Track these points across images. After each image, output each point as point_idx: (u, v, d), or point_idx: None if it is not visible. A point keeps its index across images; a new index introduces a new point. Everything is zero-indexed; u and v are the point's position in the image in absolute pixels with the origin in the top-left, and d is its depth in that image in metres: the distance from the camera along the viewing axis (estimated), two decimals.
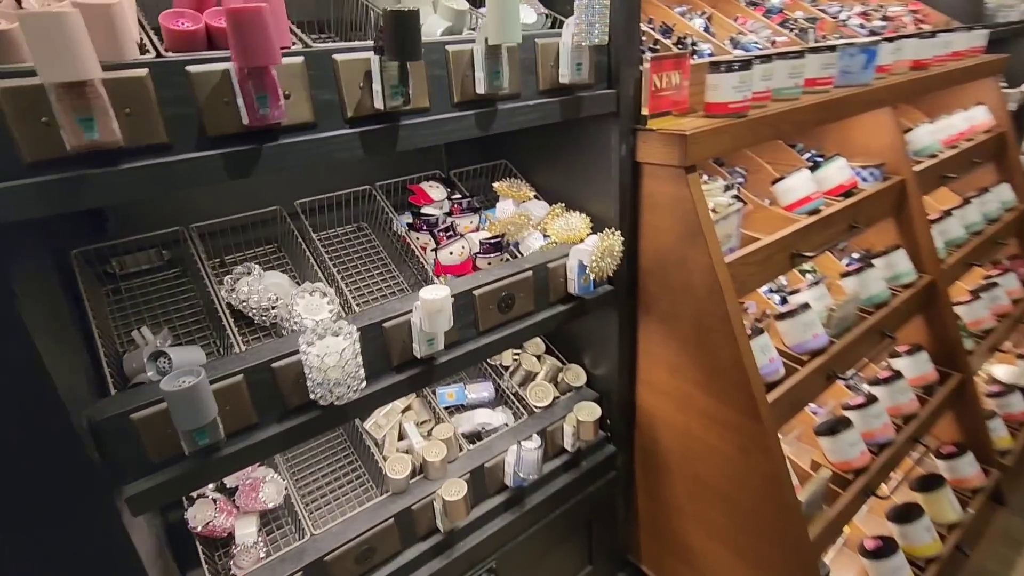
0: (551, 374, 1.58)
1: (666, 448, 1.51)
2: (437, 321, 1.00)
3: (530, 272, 1.20)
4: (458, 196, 1.38)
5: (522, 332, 1.23)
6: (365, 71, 0.86)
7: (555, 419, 1.47)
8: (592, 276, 1.21)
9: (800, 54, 1.40)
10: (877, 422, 1.56)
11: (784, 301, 1.66)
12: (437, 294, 0.98)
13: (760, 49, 1.66)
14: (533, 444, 1.29)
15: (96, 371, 0.93)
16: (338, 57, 0.84)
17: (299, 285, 1.16)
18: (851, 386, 1.77)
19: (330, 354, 0.86)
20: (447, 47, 0.95)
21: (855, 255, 1.83)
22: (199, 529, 1.09)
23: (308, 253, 1.19)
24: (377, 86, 0.86)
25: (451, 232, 1.22)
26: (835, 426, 1.49)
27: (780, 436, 1.35)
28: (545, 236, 1.37)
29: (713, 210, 1.51)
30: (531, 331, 1.24)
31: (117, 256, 1.11)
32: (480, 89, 0.98)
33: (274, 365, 0.90)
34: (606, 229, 1.24)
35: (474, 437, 1.47)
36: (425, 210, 1.32)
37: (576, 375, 1.58)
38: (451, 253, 1.22)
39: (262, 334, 1.13)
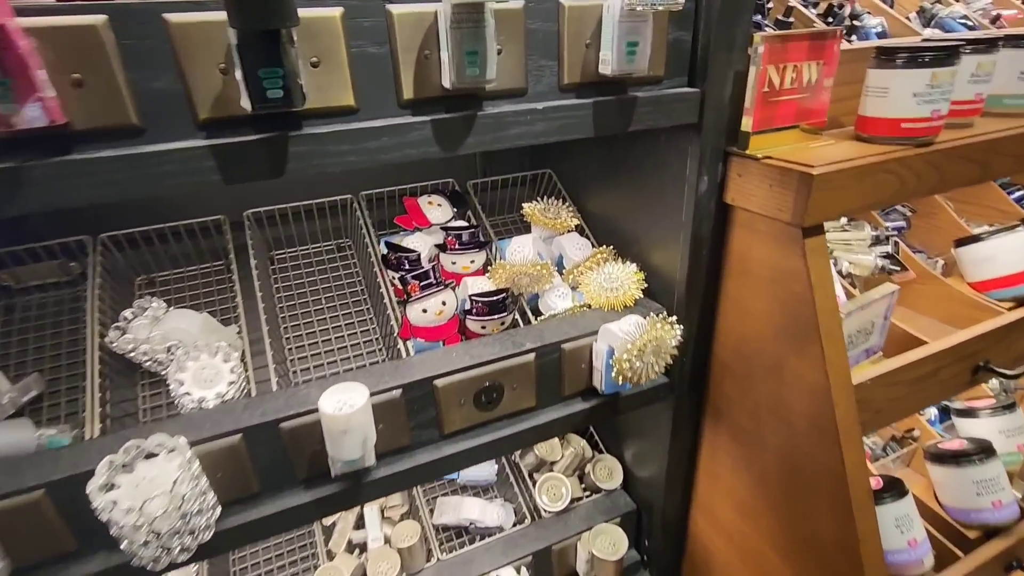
0: (575, 463, 1.18)
1: None
2: (343, 445, 0.64)
3: (531, 355, 0.81)
4: (462, 225, 1.00)
5: (515, 438, 0.84)
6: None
7: (568, 534, 1.08)
8: (619, 378, 0.79)
9: None
10: None
11: (946, 418, 1.10)
12: (343, 406, 0.62)
13: (970, 29, 1.06)
14: None
15: None
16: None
17: (218, 325, 0.87)
18: None
19: (152, 498, 0.54)
20: (388, 6, 0.57)
21: None
22: None
23: (236, 282, 0.88)
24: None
25: (430, 279, 0.86)
26: None
27: None
28: (575, 289, 0.95)
29: (846, 274, 0.99)
30: (529, 436, 0.85)
31: (6, 267, 0.88)
32: (447, 81, 0.58)
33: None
34: (653, 315, 0.80)
35: (460, 531, 1.13)
36: (408, 240, 0.96)
37: (609, 471, 1.17)
38: (424, 311, 0.85)
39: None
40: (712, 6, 0.69)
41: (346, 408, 0.62)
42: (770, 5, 0.88)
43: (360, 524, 1.07)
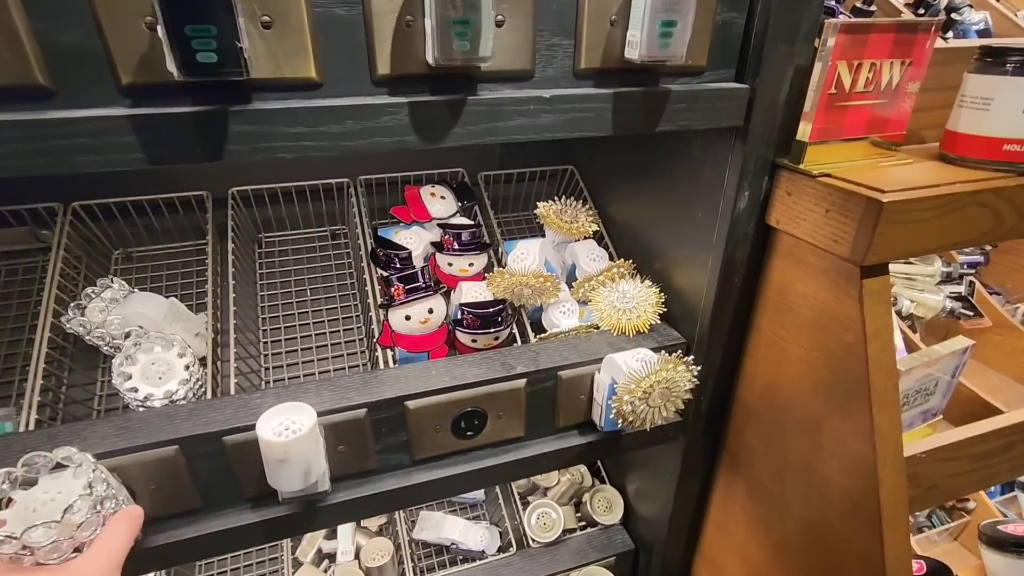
0: (571, 491, 1.07)
1: None
2: (280, 474, 0.55)
3: (522, 381, 0.70)
4: (464, 223, 0.89)
5: (497, 470, 0.74)
6: None
7: (555, 570, 0.98)
8: (619, 420, 0.67)
9: None
10: None
11: (1008, 490, 0.94)
12: (284, 431, 0.53)
13: None
14: None
15: None
16: None
17: (186, 312, 0.79)
18: None
19: (35, 527, 0.46)
20: None
21: None
22: None
23: (209, 265, 0.80)
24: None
25: (417, 283, 0.76)
26: None
27: None
28: (584, 305, 0.84)
29: (906, 315, 0.84)
30: (514, 470, 0.75)
31: None
32: (430, 56, 0.47)
33: None
34: (666, 352, 0.68)
35: (440, 549, 1.05)
36: (402, 235, 0.86)
37: (609, 504, 1.06)
38: (408, 317, 0.75)
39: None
40: None
41: (286, 434, 0.53)
42: None
43: (333, 533, 1.00)
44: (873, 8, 0.73)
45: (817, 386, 0.66)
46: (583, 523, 1.06)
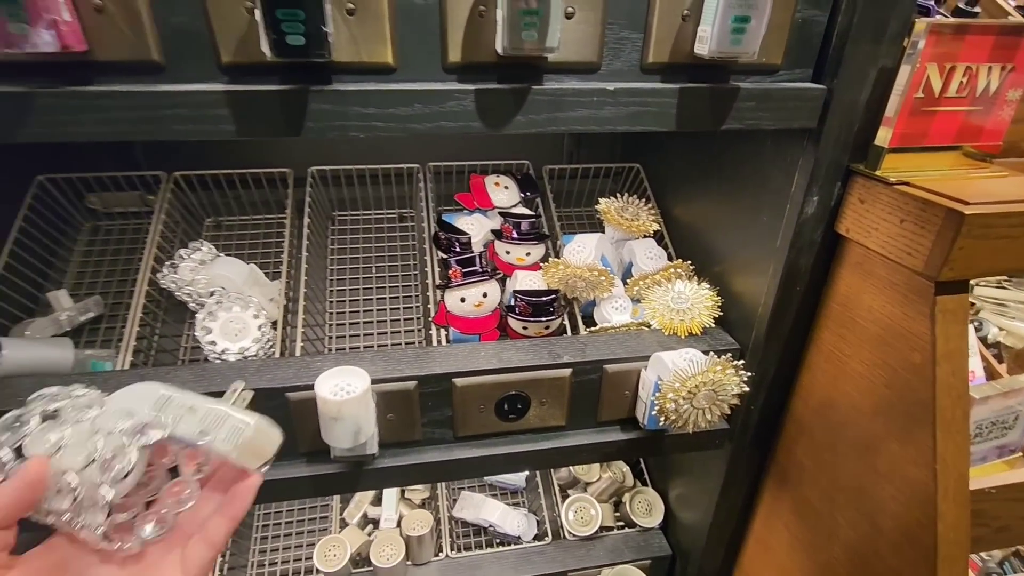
0: (611, 490, 1.07)
1: None
2: (332, 431, 0.60)
3: (567, 371, 0.71)
4: (524, 213, 0.91)
5: (536, 456, 0.75)
6: None
7: (588, 564, 0.99)
8: (661, 418, 0.67)
9: None
10: None
11: None
12: (339, 392, 0.57)
13: None
14: None
15: None
16: None
17: (264, 278, 0.86)
18: None
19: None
20: None
21: None
22: None
23: (286, 238, 0.87)
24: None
25: (474, 267, 0.78)
26: None
27: None
28: (637, 303, 0.84)
29: (992, 343, 0.78)
30: (553, 457, 0.77)
31: (96, 192, 0.93)
32: (499, 45, 0.49)
33: None
34: (715, 354, 0.67)
35: (479, 530, 1.08)
36: (464, 221, 0.89)
37: (649, 507, 1.05)
38: (463, 300, 0.78)
39: None
40: None
41: (341, 394, 0.57)
42: None
43: (379, 500, 1.05)
44: (977, 9, 0.68)
45: (877, 406, 0.63)
46: (621, 523, 1.06)
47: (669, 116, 0.56)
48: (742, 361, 0.69)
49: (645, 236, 0.90)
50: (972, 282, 0.93)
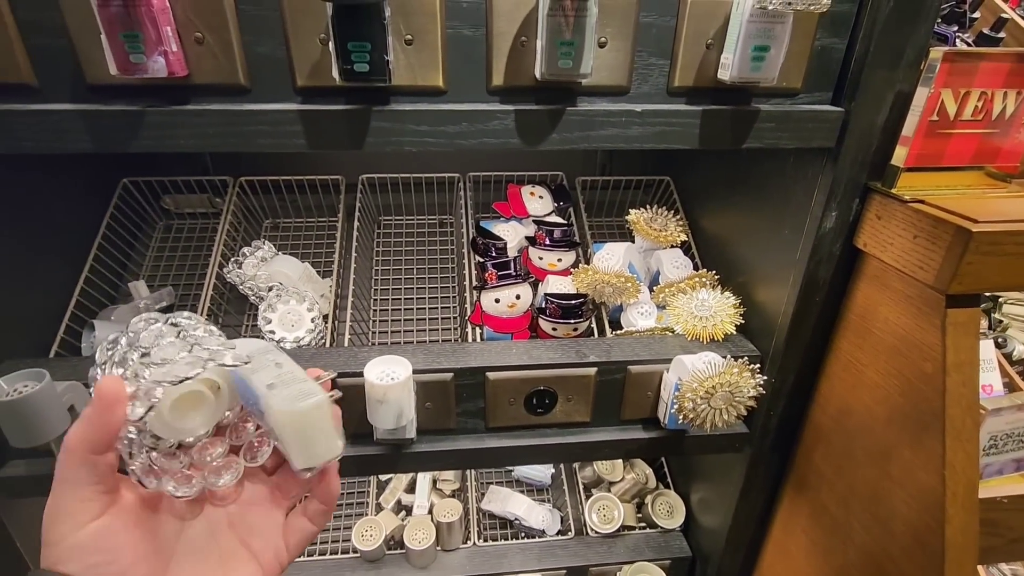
0: (634, 490, 1.11)
1: None
2: (377, 412, 0.66)
3: (592, 370, 0.76)
4: (557, 221, 0.97)
5: (562, 449, 0.80)
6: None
7: (609, 560, 1.02)
8: (680, 416, 0.71)
9: None
10: None
11: None
12: (384, 377, 0.64)
13: None
14: None
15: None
16: None
17: (316, 276, 0.94)
18: None
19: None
20: None
21: None
22: None
23: (338, 240, 0.94)
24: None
25: (508, 270, 0.84)
26: None
27: None
28: (662, 309, 0.88)
29: (1016, 359, 0.80)
30: (577, 452, 0.81)
31: (171, 194, 1.03)
32: (538, 71, 0.55)
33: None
34: (731, 357, 0.71)
35: (505, 523, 1.13)
36: (500, 227, 0.95)
37: (670, 509, 1.08)
38: (497, 300, 0.84)
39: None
40: (880, 9, 0.57)
41: (386, 380, 0.64)
42: (976, 15, 0.70)
43: (413, 488, 1.11)
44: (1002, 35, 0.70)
45: (891, 414, 0.65)
46: (643, 524, 1.09)
47: (692, 135, 0.61)
48: (757, 366, 0.72)
49: (672, 246, 0.94)
50: (1001, 300, 0.94)
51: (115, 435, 0.36)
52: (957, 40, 0.69)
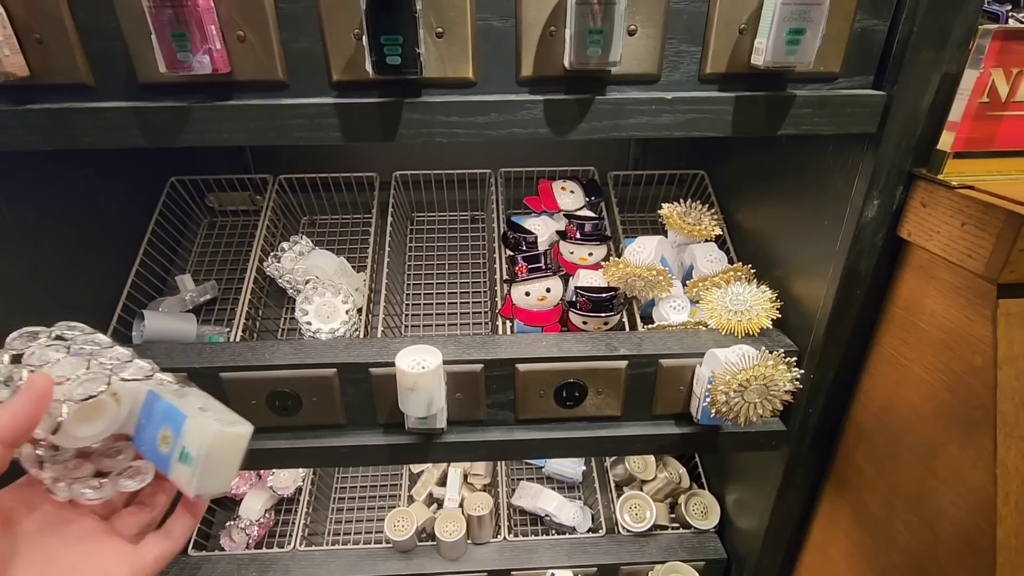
0: (667, 490, 1.09)
1: None
2: (408, 400, 0.67)
3: (623, 363, 0.75)
4: (587, 215, 0.96)
5: (592, 443, 0.80)
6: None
7: (641, 559, 1.01)
8: (712, 410, 0.69)
9: None
10: None
11: None
12: (415, 366, 0.65)
13: None
14: None
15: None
16: None
17: (351, 270, 0.96)
18: None
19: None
20: None
21: None
22: None
23: (372, 235, 0.96)
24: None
25: (539, 264, 0.84)
26: None
27: None
28: (695, 304, 0.86)
29: None
30: (608, 446, 0.81)
31: (215, 192, 1.07)
32: (567, 60, 0.55)
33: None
34: (766, 349, 0.69)
35: (535, 520, 1.13)
36: (531, 222, 0.95)
37: (705, 510, 1.06)
38: (527, 293, 0.84)
39: None
40: None
41: (417, 368, 0.65)
42: None
43: (444, 482, 1.12)
44: None
45: (938, 410, 0.62)
46: (676, 524, 1.07)
47: (725, 122, 0.60)
48: (794, 359, 0.70)
49: (707, 240, 0.93)
50: None
51: (32, 431, 0.37)
52: (1010, 19, 0.66)
